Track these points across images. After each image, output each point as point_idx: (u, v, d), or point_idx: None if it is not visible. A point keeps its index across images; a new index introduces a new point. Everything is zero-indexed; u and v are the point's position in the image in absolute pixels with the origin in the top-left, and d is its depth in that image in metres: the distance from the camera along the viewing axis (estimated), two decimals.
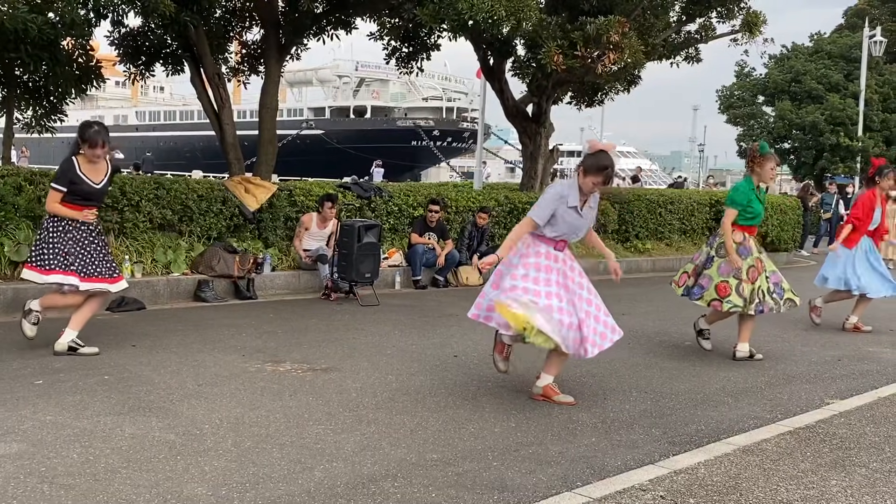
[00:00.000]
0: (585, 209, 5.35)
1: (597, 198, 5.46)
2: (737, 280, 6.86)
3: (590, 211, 5.42)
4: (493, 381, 6.04)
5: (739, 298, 6.84)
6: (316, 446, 4.40)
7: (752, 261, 6.90)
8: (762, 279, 6.92)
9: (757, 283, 6.89)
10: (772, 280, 6.96)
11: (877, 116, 27.60)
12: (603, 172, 5.20)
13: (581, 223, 5.35)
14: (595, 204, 5.47)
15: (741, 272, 6.86)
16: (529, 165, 17.20)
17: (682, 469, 4.21)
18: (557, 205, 5.23)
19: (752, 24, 16.45)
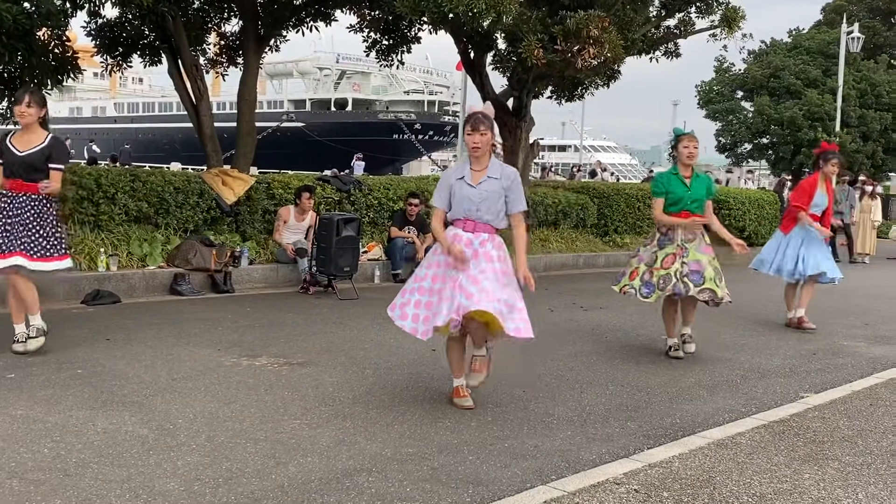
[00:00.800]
0: (484, 182, 4.92)
1: (510, 175, 5.01)
2: (646, 267, 6.74)
3: (492, 182, 4.93)
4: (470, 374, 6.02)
5: (640, 283, 6.70)
6: (290, 441, 4.37)
7: (674, 249, 6.65)
8: (678, 264, 6.59)
9: (669, 269, 6.60)
10: (690, 267, 6.57)
11: (854, 112, 27.76)
12: (469, 120, 4.94)
13: (475, 194, 4.90)
14: (506, 178, 4.98)
15: (660, 258, 6.68)
16: (509, 159, 17.17)
17: (656, 462, 4.22)
18: (447, 181, 5.02)
19: (730, 20, 16.49)
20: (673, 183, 6.72)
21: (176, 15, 12.81)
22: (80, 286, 8.45)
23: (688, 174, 6.76)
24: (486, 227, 4.97)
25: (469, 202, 4.93)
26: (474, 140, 4.91)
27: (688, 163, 6.73)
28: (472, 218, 4.95)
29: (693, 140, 6.78)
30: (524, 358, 6.66)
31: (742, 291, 10.44)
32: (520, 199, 5.05)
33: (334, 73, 65.37)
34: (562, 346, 7.26)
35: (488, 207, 4.94)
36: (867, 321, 9.46)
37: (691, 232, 6.69)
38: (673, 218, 6.71)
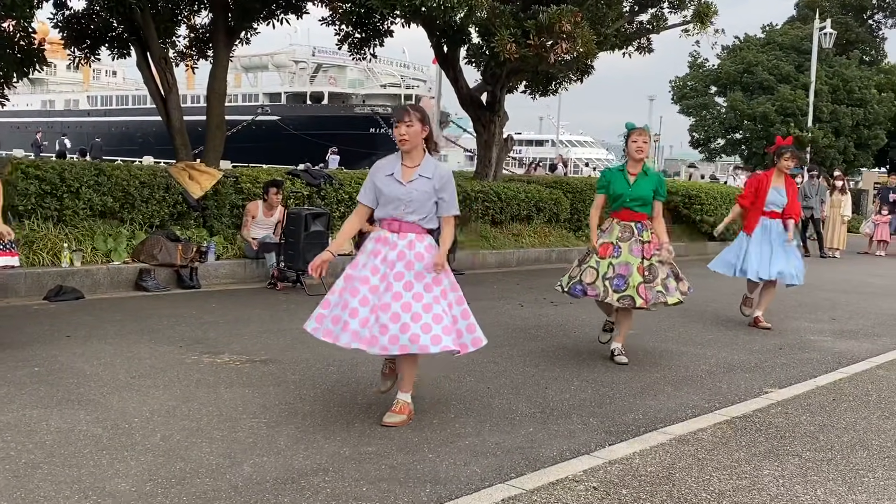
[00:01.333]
0: (416, 180, 4.62)
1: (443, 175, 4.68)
2: (577, 263, 6.53)
3: (423, 182, 4.62)
4: (436, 370, 5.98)
5: (567, 279, 6.49)
6: (248, 440, 4.31)
7: (611, 239, 6.35)
8: (604, 263, 6.29)
9: (587, 264, 6.37)
10: (617, 270, 6.25)
11: (826, 108, 28.00)
12: (395, 115, 4.73)
13: (402, 192, 4.60)
14: (439, 178, 4.66)
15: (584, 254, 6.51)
16: (483, 154, 17.15)
17: (617, 459, 4.21)
18: (374, 177, 4.71)
19: (703, 15, 16.53)
20: (615, 179, 6.44)
21: (144, 7, 12.66)
22: (42, 282, 8.32)
23: (635, 171, 6.40)
24: (414, 228, 4.66)
25: (397, 202, 4.63)
26: (400, 132, 4.62)
27: (637, 157, 6.36)
28: (398, 218, 4.66)
29: (643, 135, 6.42)
30: (489, 353, 6.64)
31: (711, 286, 10.50)
32: (452, 202, 4.75)
33: (310, 66, 64.99)
34: (529, 342, 7.24)
35: (417, 208, 4.62)
36: (834, 316, 9.52)
37: (627, 229, 6.33)
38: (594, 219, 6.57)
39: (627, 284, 6.20)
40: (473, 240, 13.25)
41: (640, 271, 6.28)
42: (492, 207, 13.78)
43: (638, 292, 6.20)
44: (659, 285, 6.31)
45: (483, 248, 13.21)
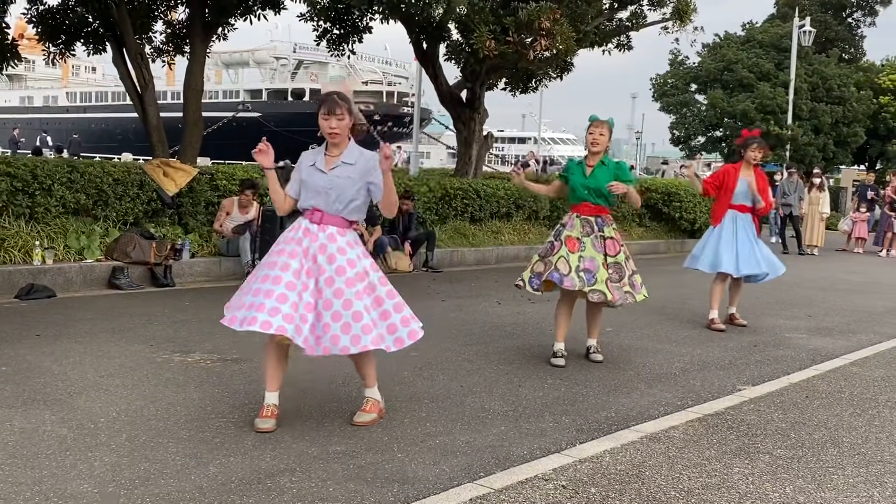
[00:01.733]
0: (338, 167, 4.44)
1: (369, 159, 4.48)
2: (539, 258, 6.34)
3: (346, 168, 4.43)
4: (409, 369, 5.96)
5: (529, 273, 6.33)
6: (215, 440, 4.26)
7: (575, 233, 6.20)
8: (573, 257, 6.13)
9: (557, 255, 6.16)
10: (585, 263, 6.12)
11: (805, 105, 28.15)
12: (324, 103, 4.44)
13: (324, 180, 4.41)
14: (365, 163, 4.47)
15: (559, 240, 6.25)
16: (464, 151, 17.14)
17: (587, 457, 4.18)
18: (299, 169, 4.55)
19: (682, 13, 16.61)
20: (574, 170, 6.36)
21: (120, 2, 12.52)
22: (13, 280, 8.22)
23: (593, 163, 6.27)
24: (336, 220, 4.44)
25: (319, 190, 4.41)
26: (331, 125, 4.40)
27: (592, 150, 6.27)
28: (319, 208, 4.43)
29: (600, 126, 6.24)
30: (464, 352, 6.61)
31: (687, 283, 10.53)
32: (379, 188, 4.50)
33: (291, 62, 64.74)
34: (505, 340, 7.22)
35: (338, 196, 4.40)
36: (811, 313, 9.55)
37: (587, 224, 6.22)
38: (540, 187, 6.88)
39: (596, 279, 6.10)
40: (452, 237, 13.21)
41: (605, 267, 6.18)
42: (471, 205, 13.76)
43: (607, 287, 6.11)
44: (626, 285, 6.24)
45: (462, 245, 13.17)
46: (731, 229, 8.14)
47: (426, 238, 11.93)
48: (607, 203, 6.30)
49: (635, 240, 16.73)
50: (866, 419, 5.17)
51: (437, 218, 13.24)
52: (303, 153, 4.64)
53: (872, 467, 4.28)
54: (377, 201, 4.58)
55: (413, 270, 11.67)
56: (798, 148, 28.00)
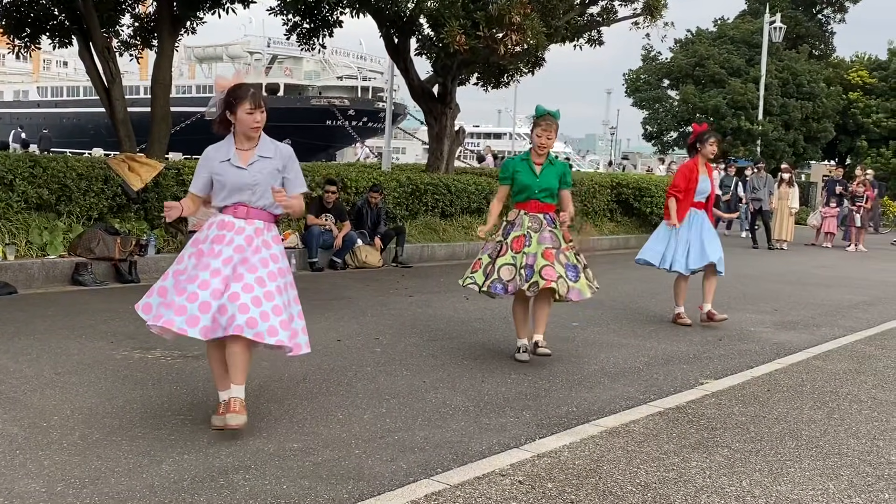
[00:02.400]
0: (256, 161, 4.35)
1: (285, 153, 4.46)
2: (489, 259, 6.18)
3: (265, 163, 4.36)
4: (373, 365, 5.93)
5: (482, 276, 6.13)
6: (170, 438, 4.20)
7: (521, 232, 6.09)
8: (519, 257, 6.02)
9: (502, 260, 6.07)
10: (527, 260, 6.00)
11: (776, 101, 28.37)
12: (248, 95, 4.28)
13: (246, 177, 4.30)
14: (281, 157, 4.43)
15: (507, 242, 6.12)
16: (435, 146, 17.10)
17: (545, 452, 4.17)
18: (208, 165, 4.40)
19: (653, 8, 16.63)
20: (521, 169, 6.17)
21: None
22: None
23: (540, 161, 6.18)
24: (262, 214, 4.37)
25: (243, 187, 4.31)
26: (256, 119, 4.29)
27: (542, 151, 6.18)
28: (245, 203, 4.35)
29: (550, 129, 6.08)
30: (429, 347, 6.59)
31: (655, 278, 10.54)
32: (298, 179, 4.52)
33: (265, 57, 64.34)
34: (470, 335, 7.20)
35: (264, 191, 4.33)
36: (777, 307, 9.61)
37: (536, 220, 6.13)
38: (494, 210, 6.33)
39: (534, 271, 5.96)
40: (422, 233, 13.18)
41: (546, 255, 6.01)
42: (441, 200, 13.72)
43: (542, 275, 5.92)
44: (563, 269, 6.01)
45: (432, 240, 13.14)
46: (692, 228, 8.02)
47: (396, 233, 11.89)
48: (554, 201, 6.24)
49: (607, 235, 16.79)
50: (826, 412, 5.21)
51: (408, 213, 13.20)
52: (208, 148, 4.47)
53: (829, 460, 4.31)
54: (290, 195, 4.47)
55: (383, 266, 11.62)
56: (769, 143, 28.22)
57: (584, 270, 6.21)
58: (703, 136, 8.05)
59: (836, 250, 18.21)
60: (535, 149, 6.20)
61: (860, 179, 19.43)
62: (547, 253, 6.01)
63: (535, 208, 6.14)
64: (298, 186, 4.55)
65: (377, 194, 11.75)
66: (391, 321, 7.65)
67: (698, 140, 8.07)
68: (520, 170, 6.18)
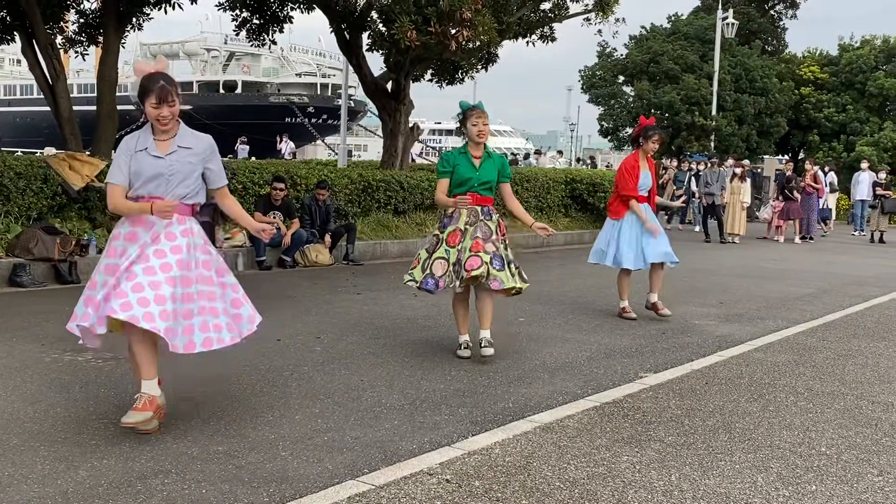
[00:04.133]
0: (175, 151, 4.25)
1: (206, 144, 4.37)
2: (427, 254, 6.16)
3: (184, 153, 4.27)
4: (311, 364, 5.85)
5: (420, 273, 6.09)
6: (91, 442, 4.09)
7: (456, 227, 6.05)
8: (453, 252, 6.00)
9: (436, 255, 6.06)
10: (459, 255, 5.98)
11: (729, 96, 28.69)
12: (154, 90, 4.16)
13: (163, 166, 4.20)
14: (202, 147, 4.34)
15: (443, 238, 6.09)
16: (390, 143, 17.02)
17: (476, 450, 4.13)
18: (125, 155, 4.25)
19: (604, 4, 16.70)
20: (461, 162, 6.14)
21: None
22: None
23: (478, 154, 6.16)
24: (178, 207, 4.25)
25: (159, 177, 4.20)
26: (163, 114, 4.18)
27: (478, 142, 6.17)
28: (160, 195, 4.22)
29: (483, 116, 6.13)
30: (370, 345, 6.52)
31: (605, 273, 10.55)
32: (221, 172, 4.47)
33: (223, 54, 63.72)
34: (415, 332, 7.15)
35: (181, 181, 4.23)
36: (723, 300, 9.68)
37: (473, 213, 6.09)
38: (447, 198, 6.13)
39: (461, 266, 5.92)
40: (374, 229, 13.09)
41: (473, 247, 5.93)
42: (394, 197, 13.64)
43: (465, 267, 5.87)
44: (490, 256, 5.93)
45: (385, 237, 13.06)
46: (633, 222, 8.01)
47: (346, 230, 11.79)
48: (492, 194, 6.24)
49: (560, 230, 16.81)
50: (762, 404, 5.23)
51: (360, 210, 13.10)
52: (125, 138, 4.34)
53: (760, 452, 4.31)
54: (213, 188, 4.46)
55: (333, 264, 11.52)
56: (722, 138, 28.53)
57: (509, 265, 6.13)
58: (648, 131, 8.01)
59: (785, 244, 18.44)
60: (473, 140, 6.16)
61: (811, 173, 19.70)
62: (475, 244, 5.96)
63: (474, 201, 6.10)
64: (221, 179, 4.49)
65: (324, 191, 11.64)
66: (335, 319, 7.57)
67: (642, 135, 8.06)
68: (460, 163, 6.15)
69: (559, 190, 17.28)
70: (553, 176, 17.57)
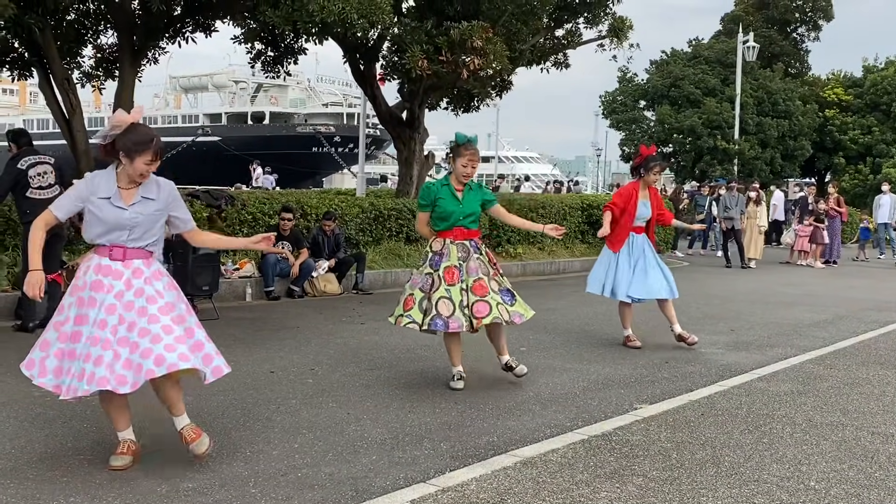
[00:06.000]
0: (138, 202, 4.24)
1: (169, 191, 4.37)
2: (422, 293, 6.00)
3: (148, 204, 4.27)
4: (300, 397, 5.79)
5: (419, 313, 5.95)
6: (62, 479, 4.06)
7: (452, 262, 5.98)
8: (455, 290, 5.91)
9: (438, 294, 5.93)
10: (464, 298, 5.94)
11: (752, 120, 28.44)
12: (151, 146, 4.18)
13: (126, 217, 4.19)
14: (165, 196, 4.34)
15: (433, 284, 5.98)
16: (405, 171, 17.08)
17: (451, 486, 4.05)
18: (81, 196, 4.21)
19: (618, 30, 16.69)
20: (443, 195, 6.03)
21: (45, 27, 12.31)
22: None
23: (461, 187, 6.08)
24: (139, 253, 4.27)
25: (120, 228, 4.20)
26: (150, 170, 4.24)
27: (465, 180, 6.06)
28: (121, 244, 4.22)
29: (475, 156, 6.04)
30: (362, 377, 6.45)
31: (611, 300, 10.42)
32: (187, 215, 4.50)
33: (251, 86, 64.52)
34: (411, 363, 7.08)
35: (143, 232, 4.26)
36: (735, 327, 9.50)
37: (463, 249, 6.02)
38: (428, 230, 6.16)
39: (471, 311, 5.90)
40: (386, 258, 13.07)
41: (476, 289, 5.94)
42: (406, 225, 13.62)
43: (474, 314, 5.88)
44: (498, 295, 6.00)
45: (396, 266, 13.03)
46: (629, 253, 7.95)
47: (355, 260, 11.78)
48: (477, 226, 6.20)
49: (578, 257, 16.71)
50: (756, 436, 5.09)
51: (371, 239, 13.10)
52: (90, 175, 4.32)
53: (746, 487, 4.18)
54: (183, 231, 4.52)
55: (343, 293, 11.50)
56: (746, 162, 28.27)
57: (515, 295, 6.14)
58: (649, 162, 7.95)
59: (808, 268, 18.15)
60: (458, 179, 6.09)
61: (834, 197, 19.42)
62: (476, 286, 5.94)
63: (461, 235, 6.06)
64: (189, 222, 4.55)
65: (330, 222, 11.65)
66: (333, 350, 7.52)
67: (643, 165, 8.00)
68: (443, 196, 6.06)
69: (575, 216, 17.17)
70: (569, 202, 17.48)
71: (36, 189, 8.06)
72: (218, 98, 67.74)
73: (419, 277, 6.10)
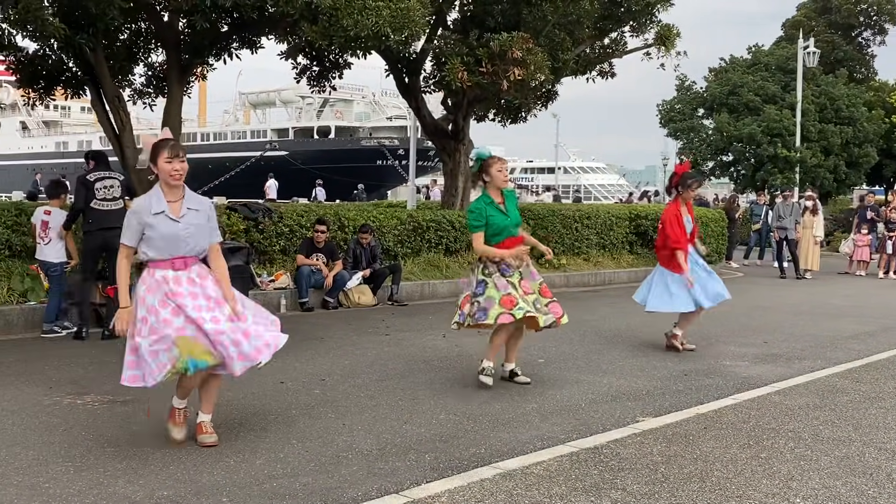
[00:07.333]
0: (187, 214, 4.69)
1: (205, 203, 4.84)
2: (516, 290, 6.30)
3: (195, 214, 4.72)
4: (301, 408, 5.84)
5: (526, 303, 6.25)
6: (44, 486, 4.17)
7: (520, 275, 6.37)
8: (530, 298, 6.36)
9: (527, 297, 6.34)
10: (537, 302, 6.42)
11: (814, 127, 27.68)
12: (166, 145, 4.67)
13: (180, 229, 4.64)
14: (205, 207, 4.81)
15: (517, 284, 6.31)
16: (450, 183, 17.12)
17: (422, 498, 4.04)
18: (140, 217, 4.63)
19: (665, 38, 16.45)
20: (492, 213, 6.34)
21: (96, 46, 12.72)
22: None
23: (500, 199, 6.41)
24: (194, 259, 4.79)
25: (177, 239, 4.65)
26: (175, 168, 4.64)
27: (503, 187, 6.40)
28: (181, 255, 4.69)
29: (503, 161, 6.46)
30: (370, 387, 6.47)
31: None
32: (216, 229, 4.95)
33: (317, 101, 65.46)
34: (424, 374, 7.06)
35: (197, 242, 4.74)
36: (769, 339, 9.24)
37: (519, 259, 6.41)
38: (499, 250, 6.33)
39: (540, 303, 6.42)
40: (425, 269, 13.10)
41: (544, 292, 6.54)
42: (445, 237, 13.64)
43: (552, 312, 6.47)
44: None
45: (435, 277, 13.05)
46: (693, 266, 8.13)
47: (391, 271, 11.84)
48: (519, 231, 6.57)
49: (625, 267, 16.50)
50: (754, 451, 4.95)
51: (410, 251, 13.15)
52: (137, 201, 4.82)
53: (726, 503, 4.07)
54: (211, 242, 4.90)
55: (377, 304, 11.57)
56: (808, 170, 27.53)
57: None
58: (687, 179, 8.10)
59: (867, 279, 17.57)
60: (499, 185, 6.39)
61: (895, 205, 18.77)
62: (544, 290, 6.53)
63: (512, 243, 6.38)
64: (217, 235, 4.96)
65: (367, 234, 11.74)
66: (349, 361, 7.57)
67: (681, 184, 8.13)
68: (492, 213, 6.35)
69: (622, 227, 16.96)
70: (616, 213, 17.27)
71: (101, 200, 8.59)
72: (285, 113, 69.00)
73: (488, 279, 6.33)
